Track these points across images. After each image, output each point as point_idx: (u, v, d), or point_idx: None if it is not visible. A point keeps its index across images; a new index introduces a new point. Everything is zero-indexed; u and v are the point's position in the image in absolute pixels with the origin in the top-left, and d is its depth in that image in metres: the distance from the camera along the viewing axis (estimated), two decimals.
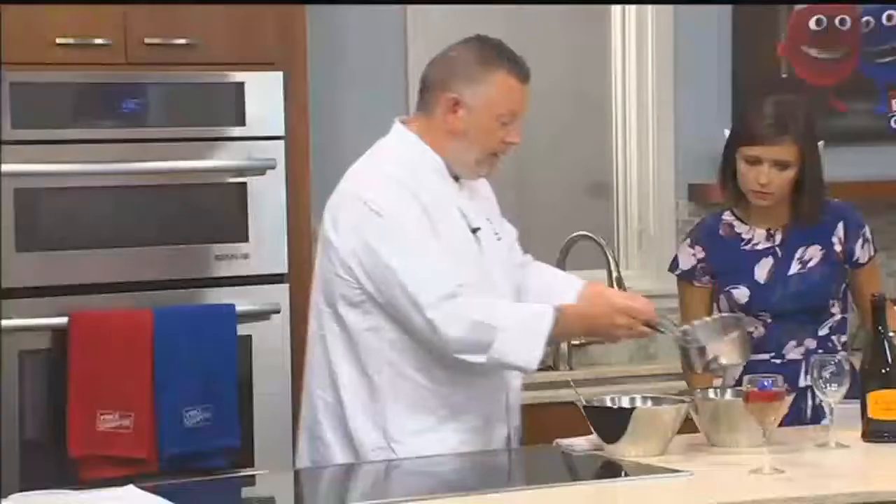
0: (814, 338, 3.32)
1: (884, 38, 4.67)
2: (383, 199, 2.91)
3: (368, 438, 2.95)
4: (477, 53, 2.98)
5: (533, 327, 2.88)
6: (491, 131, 2.97)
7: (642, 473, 2.83)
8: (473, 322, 2.86)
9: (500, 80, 2.96)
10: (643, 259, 4.64)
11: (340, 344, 2.97)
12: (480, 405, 3.00)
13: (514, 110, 2.98)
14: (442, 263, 2.91)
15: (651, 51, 4.56)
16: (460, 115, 2.97)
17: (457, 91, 2.96)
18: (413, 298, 2.87)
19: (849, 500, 2.69)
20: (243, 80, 3.71)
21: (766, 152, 3.26)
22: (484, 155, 3.00)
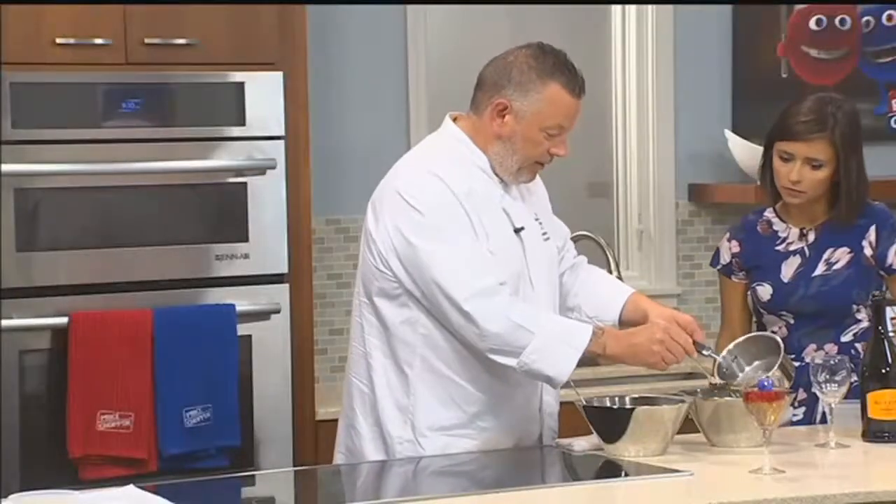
0: (835, 343, 3.28)
1: (884, 38, 4.67)
2: (422, 195, 2.93)
3: (397, 431, 2.97)
4: (534, 61, 2.96)
5: (569, 341, 2.90)
6: (536, 142, 2.98)
7: (642, 473, 2.83)
8: (512, 322, 2.88)
9: (553, 93, 2.95)
10: (643, 259, 4.64)
11: (376, 335, 3.00)
12: (511, 406, 3.01)
13: (562, 124, 2.97)
14: (479, 259, 2.92)
15: (651, 51, 4.56)
16: (507, 120, 2.97)
17: (507, 97, 2.96)
18: (448, 293, 2.89)
19: (848, 500, 2.69)
20: (243, 80, 3.71)
21: (799, 149, 3.23)
22: (527, 163, 3.01)
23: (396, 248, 2.94)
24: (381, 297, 2.98)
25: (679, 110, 4.57)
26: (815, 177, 3.24)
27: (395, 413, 2.97)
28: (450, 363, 2.96)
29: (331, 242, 4.27)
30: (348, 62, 4.27)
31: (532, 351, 2.87)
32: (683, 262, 4.59)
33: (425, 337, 2.95)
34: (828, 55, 4.64)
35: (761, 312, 3.34)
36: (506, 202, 3.03)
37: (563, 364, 2.89)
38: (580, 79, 2.99)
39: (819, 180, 3.24)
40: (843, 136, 3.23)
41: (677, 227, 4.60)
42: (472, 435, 2.98)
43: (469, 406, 2.97)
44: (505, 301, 2.90)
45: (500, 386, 2.99)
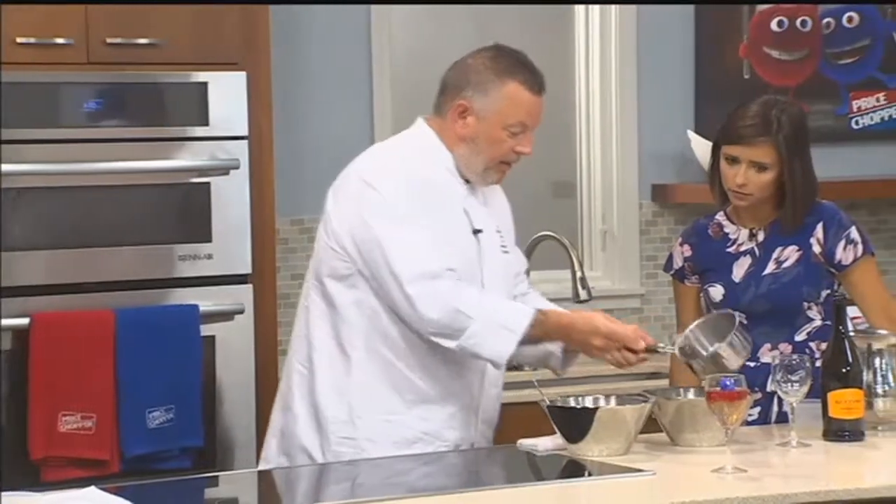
0: (790, 342, 3.29)
1: (844, 40, 4.71)
2: (382, 178, 2.98)
3: (333, 412, 2.98)
4: (492, 62, 3.01)
5: (509, 324, 2.93)
6: (499, 140, 3.01)
7: (606, 473, 2.84)
8: (451, 307, 2.91)
9: (512, 91, 2.99)
10: (607, 259, 4.65)
11: (321, 315, 3.02)
12: (451, 398, 3.02)
13: (524, 121, 3.01)
14: (430, 244, 2.95)
15: (614, 52, 4.58)
16: (469, 121, 3.01)
17: (467, 98, 3.00)
18: (395, 272, 2.92)
19: (809, 498, 2.71)
20: (206, 80, 3.69)
21: (743, 153, 3.25)
22: (493, 163, 3.04)
23: (352, 228, 2.97)
24: (331, 278, 3.00)
25: (642, 111, 4.59)
26: (760, 180, 3.26)
27: (332, 393, 2.99)
28: (393, 348, 2.98)
29: (295, 243, 4.26)
30: (312, 62, 4.26)
31: (471, 335, 2.91)
32: (647, 262, 4.61)
33: (371, 319, 2.98)
34: (789, 56, 4.67)
35: None
36: (468, 203, 3.06)
37: (502, 347, 2.92)
38: (540, 76, 3.02)
39: (764, 183, 3.27)
40: (788, 139, 3.25)
41: (641, 227, 4.61)
42: (409, 423, 2.99)
43: (408, 393, 2.99)
44: (447, 286, 2.93)
45: (442, 377, 3.01)
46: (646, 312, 4.62)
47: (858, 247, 3.32)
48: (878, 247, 3.54)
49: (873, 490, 2.76)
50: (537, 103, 3.01)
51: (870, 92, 4.73)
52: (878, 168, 4.75)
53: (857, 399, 3.08)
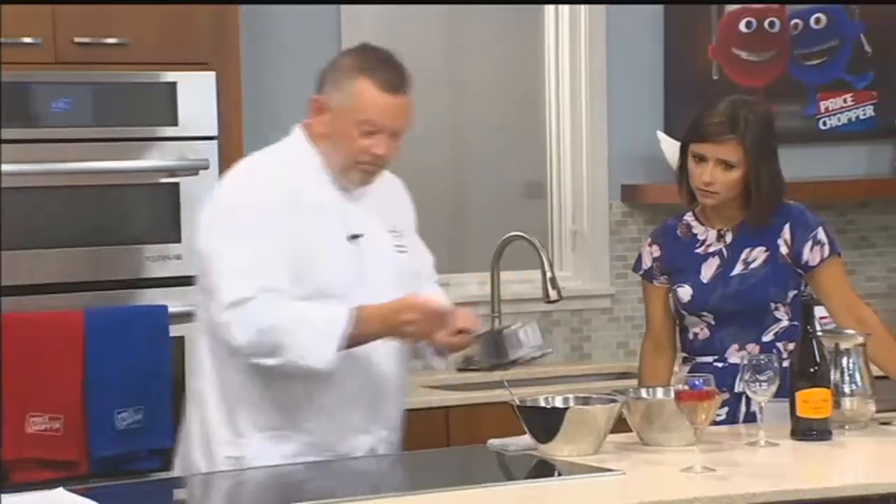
0: (757, 343, 3.30)
1: (812, 41, 4.73)
2: (228, 193, 2.97)
3: (219, 431, 2.98)
4: (352, 59, 2.99)
5: (326, 329, 2.88)
6: (351, 139, 2.96)
7: (575, 473, 2.85)
8: (259, 328, 2.86)
9: (361, 88, 2.94)
10: (577, 259, 4.66)
11: (204, 335, 3.02)
12: (332, 414, 2.98)
13: (374, 120, 2.95)
14: (257, 263, 2.89)
15: (584, 52, 4.59)
16: (325, 118, 2.99)
17: (324, 94, 2.98)
18: (217, 299, 2.90)
19: (777, 497, 2.72)
20: (175, 80, 3.68)
21: (710, 151, 3.26)
22: (349, 162, 2.99)
23: (199, 245, 2.98)
24: (205, 295, 2.99)
25: (612, 112, 4.60)
26: (727, 178, 3.27)
27: (217, 413, 2.99)
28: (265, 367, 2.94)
29: None
30: (282, 62, 4.25)
31: (290, 349, 2.87)
32: (616, 262, 4.62)
33: None
34: (758, 57, 4.69)
35: (682, 314, 3.37)
36: (344, 208, 3.01)
37: (323, 352, 2.87)
38: (399, 77, 2.96)
39: (731, 181, 3.28)
40: (754, 139, 3.26)
41: (611, 227, 4.63)
42: (294, 437, 2.97)
43: (290, 408, 2.96)
44: (255, 308, 2.87)
45: (317, 395, 2.97)
46: (616, 312, 4.63)
47: (825, 247, 3.34)
48: (845, 247, 3.57)
49: (841, 489, 2.78)
50: (392, 104, 2.94)
51: (837, 93, 4.76)
52: (845, 169, 4.78)
53: (824, 398, 3.09)
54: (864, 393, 3.20)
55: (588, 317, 4.60)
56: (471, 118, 4.52)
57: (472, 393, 4.07)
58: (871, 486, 2.80)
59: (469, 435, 3.79)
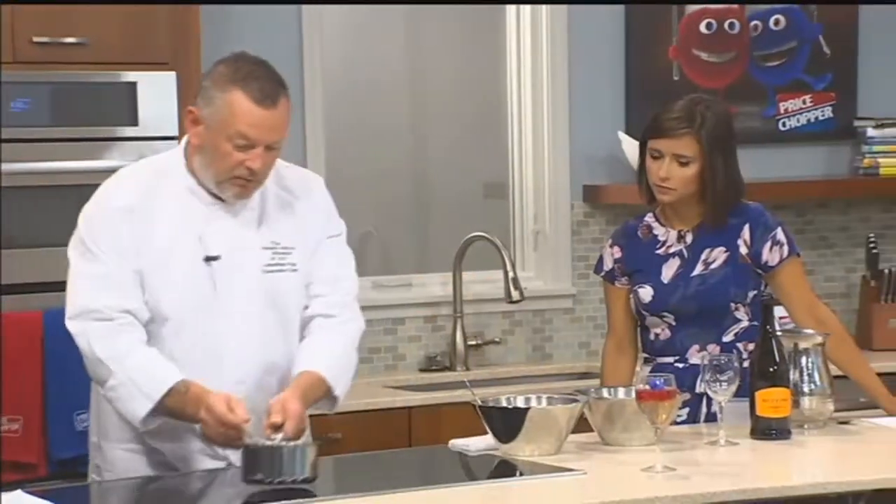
0: (717, 343, 3.31)
1: (771, 42, 4.76)
2: (88, 207, 2.94)
3: (91, 438, 3.01)
4: (225, 69, 2.86)
5: (146, 389, 2.82)
6: (225, 152, 2.83)
7: (537, 473, 2.85)
8: (96, 354, 2.85)
9: (232, 100, 2.82)
10: (539, 260, 4.67)
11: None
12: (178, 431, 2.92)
13: (246, 133, 2.82)
14: (105, 281, 2.85)
15: (545, 53, 4.60)
16: (199, 130, 2.87)
17: (197, 105, 2.88)
18: (66, 307, 2.89)
19: (737, 496, 2.74)
20: (136, 80, 3.67)
21: (666, 146, 3.28)
22: (223, 175, 2.86)
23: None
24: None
25: (573, 112, 4.61)
26: (683, 174, 3.29)
27: (93, 422, 3.02)
28: None
29: None
30: None
31: (110, 388, 2.85)
32: (578, 262, 4.64)
33: None
34: (718, 58, 4.71)
35: (643, 315, 3.38)
36: (206, 226, 2.89)
37: (136, 408, 2.83)
38: (273, 87, 2.84)
39: (687, 177, 3.29)
40: (710, 134, 3.27)
41: (572, 227, 4.64)
42: (142, 451, 2.94)
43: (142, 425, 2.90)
44: (99, 330, 2.84)
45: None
46: (577, 313, 4.64)
47: (784, 248, 3.36)
48: (804, 247, 3.59)
49: (800, 488, 2.80)
50: (265, 116, 2.81)
51: (796, 94, 4.79)
52: (804, 169, 4.81)
53: (783, 398, 3.11)
54: (822, 392, 3.22)
55: (550, 317, 4.61)
56: (432, 119, 4.53)
57: (434, 393, 4.08)
58: (829, 484, 2.82)
59: (431, 435, 3.80)
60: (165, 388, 2.82)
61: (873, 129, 4.73)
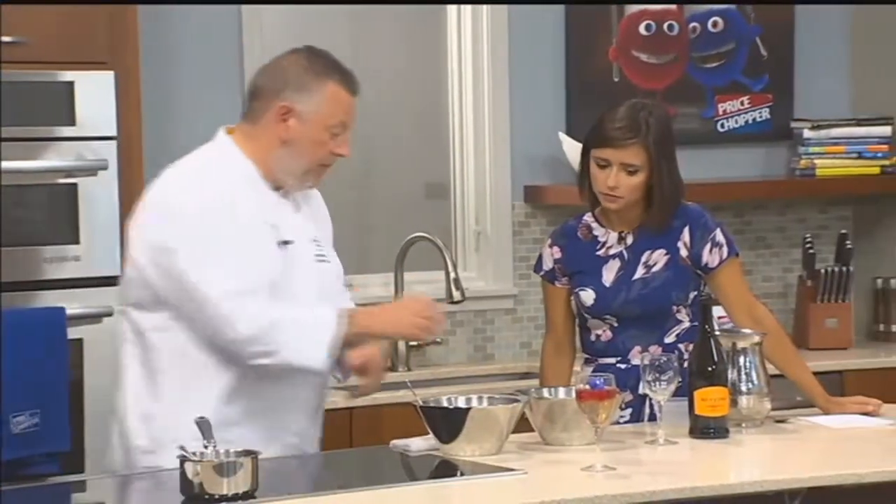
0: (659, 344, 3.33)
1: (710, 44, 4.80)
2: (184, 201, 2.94)
3: (136, 440, 2.97)
4: (308, 63, 3.00)
5: (319, 328, 2.92)
6: (321, 142, 3.00)
7: (478, 473, 2.86)
8: (262, 323, 2.89)
9: (332, 91, 2.99)
10: (480, 260, 4.68)
11: (132, 342, 3.00)
12: (253, 418, 2.98)
13: (345, 121, 3.01)
14: (238, 263, 2.92)
15: (486, 53, 4.61)
16: (291, 124, 2.98)
17: (288, 99, 2.97)
18: (205, 294, 2.89)
19: (675, 495, 2.76)
20: (73, 80, 3.64)
21: (614, 155, 3.29)
22: (312, 165, 3.02)
23: (154, 256, 2.94)
24: (135, 307, 2.99)
25: (514, 113, 4.62)
26: (630, 182, 3.30)
27: (137, 422, 2.98)
28: (198, 371, 2.95)
29: None
30: (183, 62, 4.22)
31: (284, 347, 2.90)
32: (519, 262, 4.65)
33: (176, 345, 2.95)
34: (657, 60, 4.74)
35: (585, 317, 3.40)
36: (275, 215, 3.01)
37: (316, 352, 2.91)
38: (354, 77, 3.04)
39: (635, 185, 3.31)
40: (656, 141, 3.29)
41: (514, 228, 4.65)
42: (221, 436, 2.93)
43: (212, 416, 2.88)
44: (256, 302, 2.92)
45: (245, 399, 2.97)
46: (519, 313, 4.66)
47: (724, 249, 3.38)
48: (742, 248, 3.62)
49: (737, 486, 2.83)
50: (354, 103, 3.02)
51: (734, 95, 4.83)
52: (742, 170, 4.86)
53: (722, 397, 3.14)
54: (760, 391, 3.25)
55: (491, 317, 4.62)
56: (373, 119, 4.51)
57: (374, 394, 4.07)
58: (766, 482, 2.85)
59: (372, 436, 3.79)
60: (333, 322, 2.91)
61: (809, 130, 4.78)
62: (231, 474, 2.65)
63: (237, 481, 2.65)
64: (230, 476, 2.65)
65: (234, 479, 2.65)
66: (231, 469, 2.65)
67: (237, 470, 2.65)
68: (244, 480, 2.66)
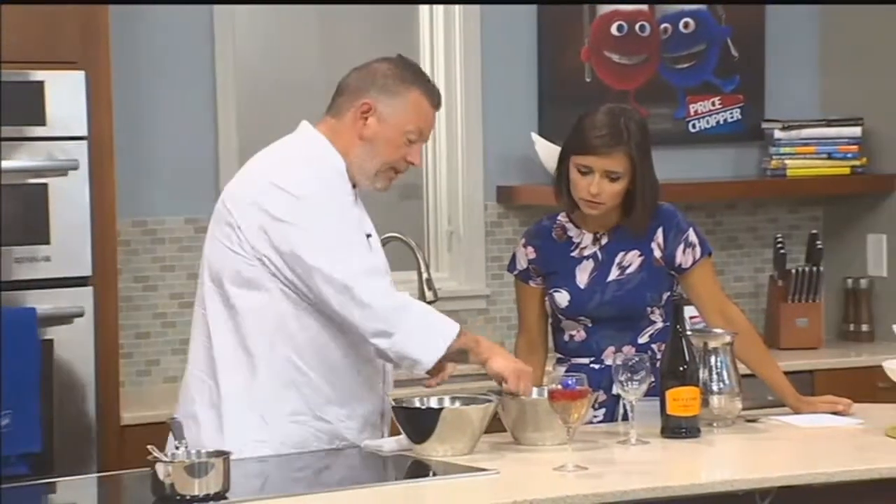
0: (633, 345, 3.34)
1: (681, 45, 4.82)
2: (300, 182, 3.00)
3: (241, 418, 2.98)
4: (397, 69, 3.09)
5: (440, 329, 3.00)
6: (396, 145, 3.06)
7: (450, 473, 2.86)
8: (391, 302, 2.97)
9: (415, 98, 3.07)
10: (453, 260, 4.68)
11: (223, 322, 3.01)
12: (355, 400, 3.04)
13: (422, 130, 3.09)
14: (360, 242, 3.02)
15: (459, 54, 4.61)
16: (370, 122, 3.06)
17: (372, 98, 3.05)
18: (331, 274, 2.94)
19: (647, 494, 2.77)
20: (43, 79, 3.62)
21: (597, 163, 3.28)
22: (384, 167, 3.08)
23: (274, 239, 2.96)
24: (234, 284, 2.99)
25: (487, 113, 4.63)
26: (613, 189, 3.31)
27: (238, 400, 2.99)
28: (301, 352, 3.00)
29: (137, 245, 4.20)
30: (154, 62, 4.21)
31: (405, 333, 2.95)
32: (492, 263, 4.66)
33: (276, 323, 2.99)
34: (629, 60, 4.75)
35: (559, 317, 3.41)
36: (358, 208, 3.11)
37: (433, 349, 2.97)
38: (438, 91, 3.14)
39: (617, 192, 3.31)
40: (638, 147, 3.30)
41: (486, 228, 4.66)
42: (316, 425, 3.02)
43: (315, 396, 3.01)
44: (388, 282, 3.01)
45: (347, 379, 3.02)
46: (491, 313, 4.66)
47: (697, 249, 3.39)
48: (714, 248, 3.63)
49: (709, 485, 2.84)
50: (433, 116, 3.11)
51: (705, 96, 4.85)
52: (714, 170, 4.87)
53: (693, 397, 3.15)
54: (731, 391, 3.27)
55: (464, 317, 4.62)
56: None
57: None
58: (737, 482, 2.86)
59: None
60: (457, 327, 3.01)
61: (780, 131, 4.80)
62: (202, 475, 2.64)
63: (209, 482, 2.64)
64: (201, 477, 2.64)
65: (205, 480, 2.64)
66: (202, 470, 2.64)
67: (208, 470, 2.65)
68: (216, 481, 2.65)
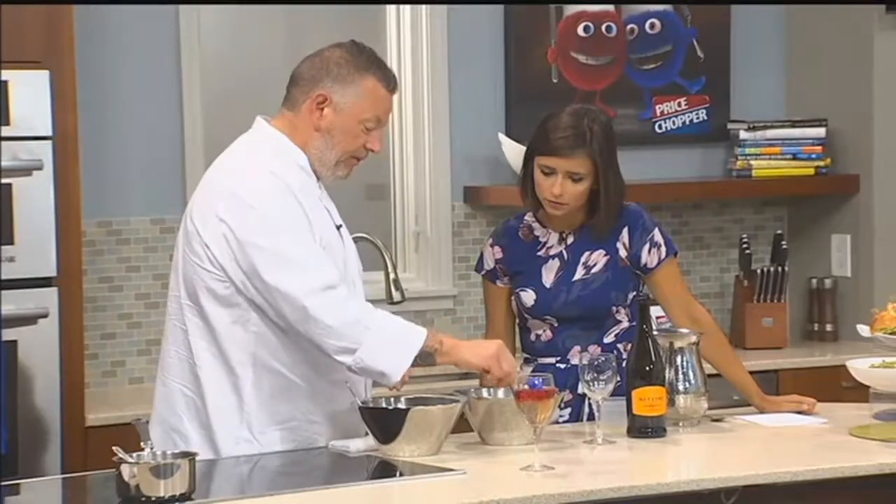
0: (599, 344, 3.35)
1: (647, 46, 4.83)
2: (258, 192, 2.95)
3: (233, 431, 2.97)
4: (351, 55, 3.03)
5: (404, 338, 2.95)
6: (354, 134, 3.03)
7: (417, 473, 2.86)
8: (349, 317, 2.91)
9: (370, 86, 3.02)
10: (420, 260, 4.68)
11: (203, 337, 2.98)
12: (340, 403, 3.03)
13: (379, 117, 3.04)
14: (315, 255, 2.95)
15: (425, 54, 4.61)
16: (326, 113, 3.02)
17: (326, 88, 3.01)
18: (286, 291, 2.90)
19: (613, 494, 2.78)
20: (7, 79, 3.60)
21: (560, 164, 3.29)
22: (344, 156, 3.05)
23: (231, 247, 2.93)
24: (208, 298, 2.96)
25: (454, 114, 4.63)
26: (576, 189, 3.32)
27: (228, 414, 2.97)
28: (282, 359, 2.98)
29: (102, 245, 4.18)
30: (120, 62, 4.19)
31: (368, 348, 2.91)
32: (459, 263, 4.66)
33: (257, 336, 2.97)
34: (595, 61, 4.76)
35: (525, 317, 3.41)
36: (325, 200, 3.08)
37: (399, 361, 2.94)
38: (394, 75, 3.09)
39: (580, 193, 3.32)
40: (601, 149, 3.31)
41: (453, 228, 4.66)
42: (305, 428, 3.01)
43: (304, 402, 3.00)
44: (342, 296, 2.94)
45: (329, 383, 3.02)
46: (458, 314, 4.66)
47: (662, 249, 3.41)
48: (680, 248, 3.65)
49: (674, 485, 2.85)
50: (391, 101, 3.07)
51: (672, 97, 4.87)
52: (680, 171, 4.89)
53: (659, 396, 3.16)
54: (697, 391, 3.28)
55: (431, 317, 4.62)
56: None
57: None
58: (703, 481, 2.87)
59: None
60: (424, 333, 2.95)
61: (746, 131, 4.82)
62: (168, 476, 2.63)
63: (174, 483, 2.63)
64: (167, 478, 2.63)
65: (170, 481, 2.63)
66: (168, 471, 2.63)
67: (174, 472, 2.63)
68: (181, 482, 2.64)
